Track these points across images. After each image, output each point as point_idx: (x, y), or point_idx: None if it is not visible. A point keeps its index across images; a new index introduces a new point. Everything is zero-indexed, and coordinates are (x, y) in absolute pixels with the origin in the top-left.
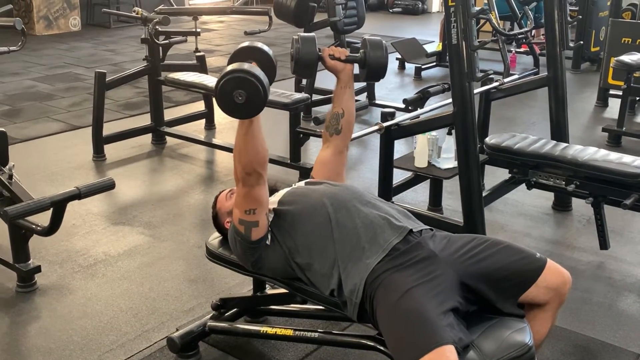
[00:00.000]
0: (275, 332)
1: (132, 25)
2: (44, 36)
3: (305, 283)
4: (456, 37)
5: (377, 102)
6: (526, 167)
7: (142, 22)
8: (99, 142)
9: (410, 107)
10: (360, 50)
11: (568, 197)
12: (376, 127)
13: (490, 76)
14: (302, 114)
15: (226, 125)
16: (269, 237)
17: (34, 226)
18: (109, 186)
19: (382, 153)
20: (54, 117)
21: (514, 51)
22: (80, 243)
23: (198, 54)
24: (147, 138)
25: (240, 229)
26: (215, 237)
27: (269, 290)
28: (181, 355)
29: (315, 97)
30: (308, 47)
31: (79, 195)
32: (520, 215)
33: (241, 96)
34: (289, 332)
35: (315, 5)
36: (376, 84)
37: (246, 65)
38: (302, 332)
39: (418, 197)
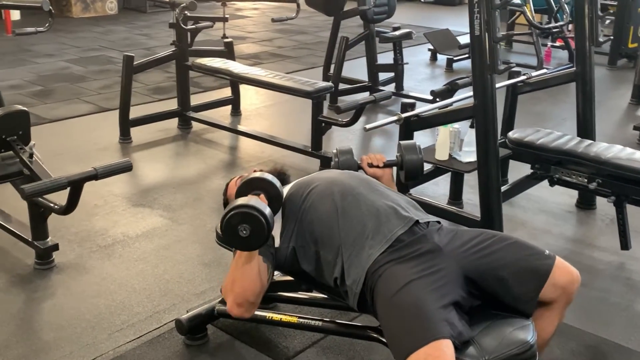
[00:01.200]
0: (281, 318)
1: (167, 10)
2: (80, 19)
3: (310, 274)
4: (479, 28)
5: (405, 93)
6: (548, 163)
7: (170, 7)
8: (126, 124)
9: (437, 99)
10: (397, 154)
11: (592, 196)
12: (395, 118)
13: (517, 69)
14: (328, 103)
15: (252, 112)
16: (277, 239)
17: (52, 205)
18: (126, 168)
19: None
20: (85, 98)
21: (549, 45)
22: (100, 223)
23: (226, 40)
24: (174, 122)
25: None
26: None
27: (277, 277)
28: (189, 337)
29: (342, 86)
30: (347, 159)
31: (95, 175)
32: (542, 212)
33: (246, 230)
34: (294, 320)
35: None
36: (406, 74)
37: (253, 201)
38: (305, 320)
39: (439, 189)
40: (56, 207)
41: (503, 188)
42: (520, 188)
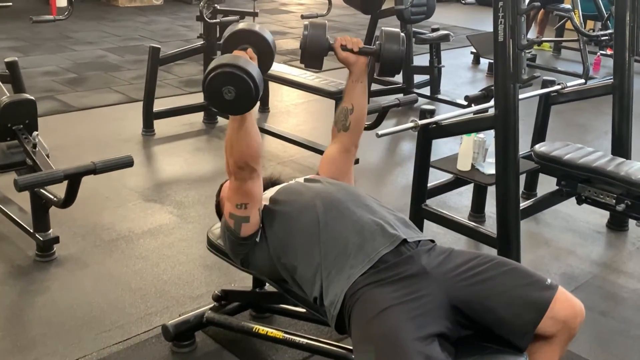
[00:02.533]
0: (267, 332)
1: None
2: (127, 8)
3: (291, 286)
4: (503, 34)
5: (439, 96)
6: (575, 181)
7: None
8: (149, 116)
9: (472, 105)
10: (377, 42)
11: (624, 216)
12: (411, 125)
13: (551, 79)
14: None
15: (280, 110)
16: (259, 234)
17: (52, 197)
18: (127, 163)
19: (417, 152)
20: (115, 88)
21: (599, 53)
22: (108, 217)
23: None
24: (200, 116)
25: (231, 223)
26: (217, 227)
27: (269, 287)
28: (175, 344)
29: (376, 87)
30: (317, 36)
31: (94, 170)
32: (569, 231)
33: (230, 92)
34: (279, 335)
35: None
36: (446, 77)
37: (235, 59)
38: (291, 337)
39: (463, 200)
40: (55, 199)
41: (525, 204)
42: (544, 205)
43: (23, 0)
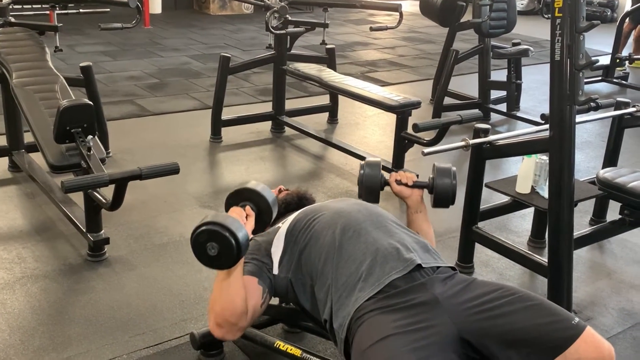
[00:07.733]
0: (287, 348)
1: (303, 12)
2: (217, 16)
3: (308, 310)
4: (560, 53)
5: (517, 114)
6: (639, 210)
7: (264, 10)
8: (217, 124)
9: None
10: (429, 176)
11: None
12: (461, 144)
13: (626, 100)
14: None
15: (349, 122)
16: (276, 266)
17: (102, 199)
18: (172, 170)
19: (470, 172)
20: (193, 94)
21: None
22: (163, 221)
23: (327, 46)
24: (268, 125)
25: None
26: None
27: None
28: (203, 353)
29: (450, 101)
30: (372, 174)
31: (139, 175)
32: (635, 263)
33: (214, 249)
34: (297, 352)
35: (464, 4)
36: (528, 93)
37: (224, 218)
38: (309, 356)
39: (524, 224)
40: (104, 202)
41: (580, 232)
42: (603, 234)
43: (121, 7)
